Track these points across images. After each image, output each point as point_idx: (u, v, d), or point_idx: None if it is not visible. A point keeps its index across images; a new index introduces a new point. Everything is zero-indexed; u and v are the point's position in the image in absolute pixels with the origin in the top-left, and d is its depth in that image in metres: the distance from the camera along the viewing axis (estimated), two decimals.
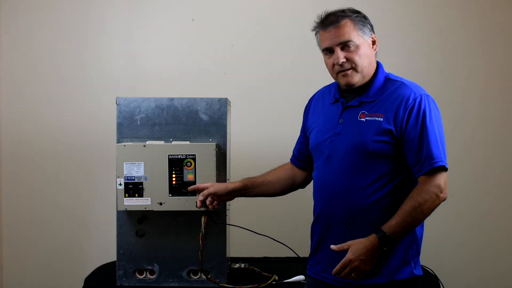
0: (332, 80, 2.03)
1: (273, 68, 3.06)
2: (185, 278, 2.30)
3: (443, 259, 2.99)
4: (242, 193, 2.13)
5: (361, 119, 1.86)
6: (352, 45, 1.85)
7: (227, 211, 2.33)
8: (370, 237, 1.78)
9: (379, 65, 1.94)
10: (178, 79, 3.05)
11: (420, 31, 3.06)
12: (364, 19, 1.89)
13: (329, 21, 1.86)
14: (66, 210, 3.07)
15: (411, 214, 1.76)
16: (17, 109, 3.08)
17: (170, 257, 2.30)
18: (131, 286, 2.29)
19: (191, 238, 2.26)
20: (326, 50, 1.89)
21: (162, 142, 2.25)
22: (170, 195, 2.20)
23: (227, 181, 2.31)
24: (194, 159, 2.19)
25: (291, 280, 2.36)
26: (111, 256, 2.52)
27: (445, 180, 1.80)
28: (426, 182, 1.78)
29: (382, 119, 1.83)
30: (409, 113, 1.80)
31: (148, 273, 2.31)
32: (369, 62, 1.88)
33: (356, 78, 1.87)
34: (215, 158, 2.20)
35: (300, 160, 2.14)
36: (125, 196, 2.20)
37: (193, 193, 2.19)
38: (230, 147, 2.41)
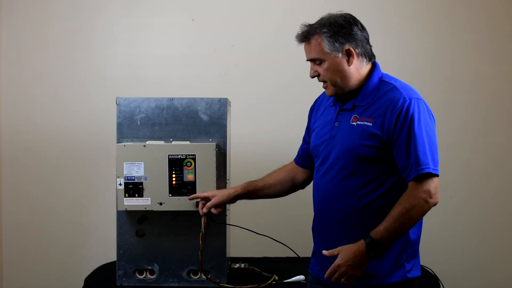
0: None
1: (273, 68, 3.06)
2: (185, 278, 2.30)
3: (443, 259, 2.98)
4: (243, 197, 2.15)
5: (353, 123, 1.86)
6: (321, 62, 1.87)
7: (227, 211, 2.33)
8: (358, 243, 1.78)
9: (375, 66, 1.92)
10: (178, 79, 3.04)
11: (419, 31, 3.05)
12: (335, 34, 1.84)
13: (301, 38, 1.90)
14: (66, 210, 3.06)
15: (399, 220, 1.76)
16: (17, 109, 3.08)
17: (170, 257, 2.30)
18: (131, 286, 2.29)
19: (191, 238, 2.26)
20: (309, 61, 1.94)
21: (162, 142, 2.25)
22: (170, 195, 2.20)
23: (227, 181, 2.31)
24: (194, 159, 2.19)
25: (291, 280, 2.36)
26: (111, 256, 2.52)
27: (435, 185, 1.77)
28: (415, 187, 1.77)
29: (371, 124, 1.82)
30: (396, 118, 1.78)
31: (148, 273, 2.31)
32: (341, 77, 1.87)
33: (333, 91, 1.90)
34: (215, 158, 2.20)
35: (303, 159, 2.15)
36: (125, 196, 2.20)
37: (193, 193, 2.18)
38: (230, 147, 2.41)
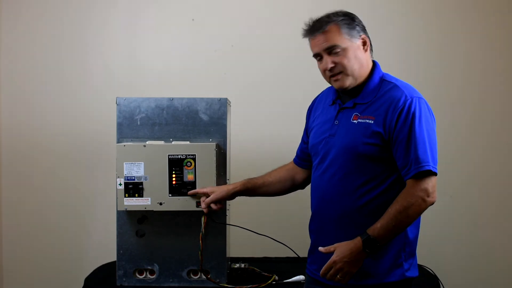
0: None
1: (273, 68, 3.06)
2: (185, 278, 2.30)
3: (443, 259, 2.99)
4: (243, 194, 2.15)
5: (354, 121, 1.86)
6: (339, 49, 1.85)
7: (227, 211, 2.33)
8: (355, 240, 1.78)
9: (376, 65, 1.93)
10: (178, 79, 3.05)
11: (419, 31, 3.06)
12: (351, 21, 1.87)
13: (315, 28, 1.87)
14: (66, 210, 3.07)
15: (396, 218, 1.76)
16: (17, 109, 3.08)
17: (170, 257, 2.30)
18: (131, 286, 2.29)
19: (191, 238, 2.26)
20: (315, 56, 1.91)
21: (162, 142, 2.25)
22: (170, 195, 2.20)
23: (227, 181, 2.32)
24: (194, 159, 2.19)
25: (291, 280, 2.36)
26: (111, 256, 2.52)
27: (433, 183, 1.78)
28: (413, 186, 1.77)
29: (372, 122, 1.82)
30: (398, 116, 1.79)
31: (148, 273, 2.31)
32: (359, 64, 1.87)
33: (348, 82, 1.87)
34: (215, 158, 2.20)
35: (302, 159, 2.15)
36: (125, 196, 2.20)
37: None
38: (230, 147, 2.41)
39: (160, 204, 2.20)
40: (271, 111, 3.05)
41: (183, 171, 2.19)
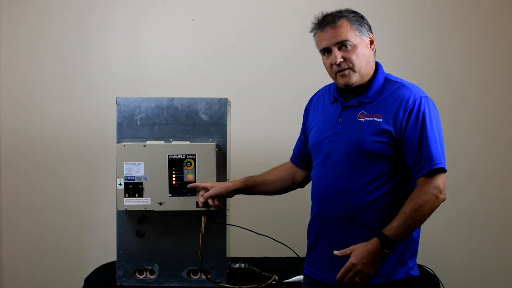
0: (332, 80, 2.03)
1: (273, 68, 3.06)
2: (185, 278, 2.30)
3: (443, 259, 2.98)
4: (242, 192, 2.15)
5: (361, 119, 1.86)
6: (349, 45, 1.85)
7: (227, 211, 2.33)
8: (372, 241, 1.78)
9: (378, 65, 1.94)
10: (178, 79, 3.05)
11: (419, 32, 3.06)
12: (361, 19, 1.90)
13: (326, 22, 1.87)
14: (66, 210, 3.07)
15: (411, 216, 1.76)
16: (17, 109, 3.08)
17: (170, 257, 2.30)
18: (131, 286, 2.29)
19: (191, 238, 2.26)
20: (323, 50, 1.90)
21: (162, 142, 2.25)
22: (170, 195, 2.20)
23: (227, 181, 2.31)
24: (194, 159, 2.19)
25: (291, 280, 2.36)
26: (111, 256, 2.52)
27: (444, 181, 1.80)
28: (426, 183, 1.78)
29: (381, 120, 1.83)
30: (409, 115, 1.81)
31: (148, 273, 2.31)
32: (366, 62, 1.88)
33: (354, 78, 1.87)
34: (215, 158, 2.20)
35: (300, 159, 2.15)
36: (125, 196, 2.19)
37: (193, 192, 2.19)
38: (230, 147, 2.41)
39: (160, 204, 2.20)
40: (271, 111, 3.05)
41: (183, 171, 2.19)
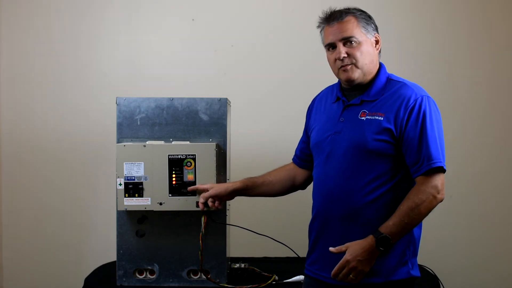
0: (334, 80, 2.03)
1: (273, 68, 3.06)
2: (185, 278, 2.30)
3: (443, 259, 2.98)
4: (242, 193, 2.14)
5: (362, 118, 1.87)
6: (354, 41, 1.86)
7: (227, 211, 2.33)
8: (368, 238, 1.78)
9: (381, 65, 1.95)
10: (178, 79, 3.05)
11: (423, 32, 3.06)
12: (368, 18, 1.91)
13: (333, 17, 1.89)
14: (66, 210, 3.07)
15: (408, 215, 1.76)
16: (17, 109, 3.08)
17: (170, 257, 2.30)
18: (131, 286, 2.29)
19: (191, 238, 2.26)
20: (329, 45, 1.91)
21: (162, 142, 2.25)
22: (170, 195, 2.20)
23: (227, 181, 2.31)
24: (194, 159, 2.19)
25: (291, 280, 2.36)
26: (111, 256, 2.52)
27: (442, 181, 1.80)
28: (424, 182, 1.79)
29: (382, 118, 1.83)
30: (409, 113, 1.81)
31: (148, 273, 2.31)
32: (370, 60, 1.89)
33: (356, 74, 1.88)
34: (215, 158, 2.20)
35: (302, 160, 2.15)
36: (125, 196, 2.19)
37: (193, 193, 2.19)
38: (230, 147, 2.41)
39: (160, 204, 2.20)
40: (271, 111, 3.05)
41: (183, 171, 2.19)
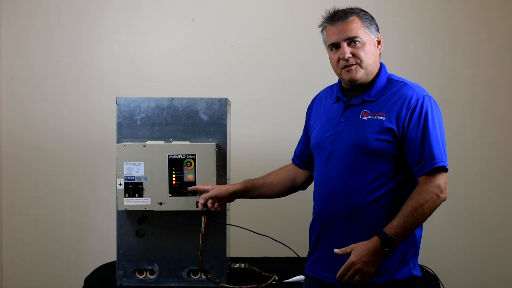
0: (334, 81, 2.03)
1: (273, 68, 3.06)
2: (185, 278, 2.30)
3: (443, 259, 2.99)
4: (242, 195, 2.14)
5: (363, 118, 1.87)
6: (359, 42, 1.87)
7: (227, 211, 2.33)
8: (372, 239, 1.78)
9: (382, 66, 1.95)
10: (178, 79, 3.05)
11: (423, 32, 3.06)
12: (371, 18, 1.92)
13: (337, 17, 1.89)
14: (66, 210, 3.07)
15: (412, 215, 1.77)
16: (17, 109, 3.08)
17: (170, 257, 2.30)
18: (131, 286, 2.29)
19: (191, 238, 2.26)
20: (332, 45, 1.91)
21: (162, 142, 2.25)
22: (170, 195, 2.20)
23: (227, 181, 2.32)
24: (194, 159, 2.19)
25: (291, 280, 2.36)
26: (111, 256, 2.52)
27: (445, 180, 1.81)
28: (427, 182, 1.79)
29: (384, 118, 1.83)
30: (411, 113, 1.81)
31: (148, 273, 2.31)
32: (373, 60, 1.90)
33: (360, 74, 1.88)
34: (215, 158, 2.20)
35: (301, 160, 2.15)
36: (125, 196, 2.19)
37: (193, 193, 2.19)
38: (230, 147, 2.41)
39: (160, 204, 2.20)
40: (271, 111, 3.05)
41: (183, 171, 2.19)
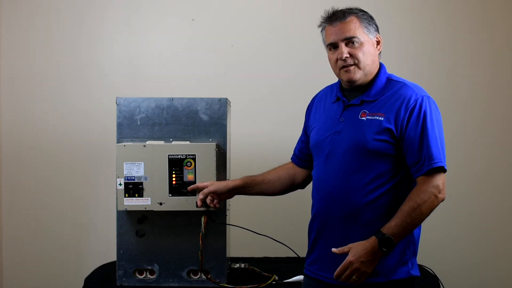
0: (334, 80, 2.03)
1: (273, 68, 3.06)
2: (185, 278, 2.30)
3: (443, 259, 2.98)
4: (242, 191, 2.14)
5: (362, 118, 1.87)
6: (357, 42, 1.87)
7: (227, 211, 2.33)
8: (370, 239, 1.78)
9: (382, 66, 1.95)
10: (178, 79, 3.04)
11: (423, 32, 3.06)
12: (370, 19, 1.92)
13: (336, 17, 1.89)
14: (66, 210, 3.06)
15: (410, 215, 1.77)
16: (17, 109, 3.08)
17: (170, 257, 2.30)
18: (131, 286, 2.29)
19: (191, 238, 2.26)
20: (330, 45, 1.91)
21: (162, 142, 2.25)
22: (170, 195, 2.20)
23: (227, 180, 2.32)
24: (194, 159, 2.19)
25: (291, 280, 2.36)
26: (111, 256, 2.52)
27: (443, 181, 1.81)
28: (425, 182, 1.79)
29: (382, 118, 1.83)
30: (410, 114, 1.81)
31: (148, 273, 2.31)
32: (372, 60, 1.89)
33: (358, 75, 1.88)
34: (215, 158, 2.20)
35: (301, 159, 2.15)
36: (125, 196, 2.20)
37: (193, 193, 2.19)
38: (230, 147, 2.41)
39: (160, 204, 2.20)
40: (271, 111, 3.05)
41: (183, 171, 2.19)
